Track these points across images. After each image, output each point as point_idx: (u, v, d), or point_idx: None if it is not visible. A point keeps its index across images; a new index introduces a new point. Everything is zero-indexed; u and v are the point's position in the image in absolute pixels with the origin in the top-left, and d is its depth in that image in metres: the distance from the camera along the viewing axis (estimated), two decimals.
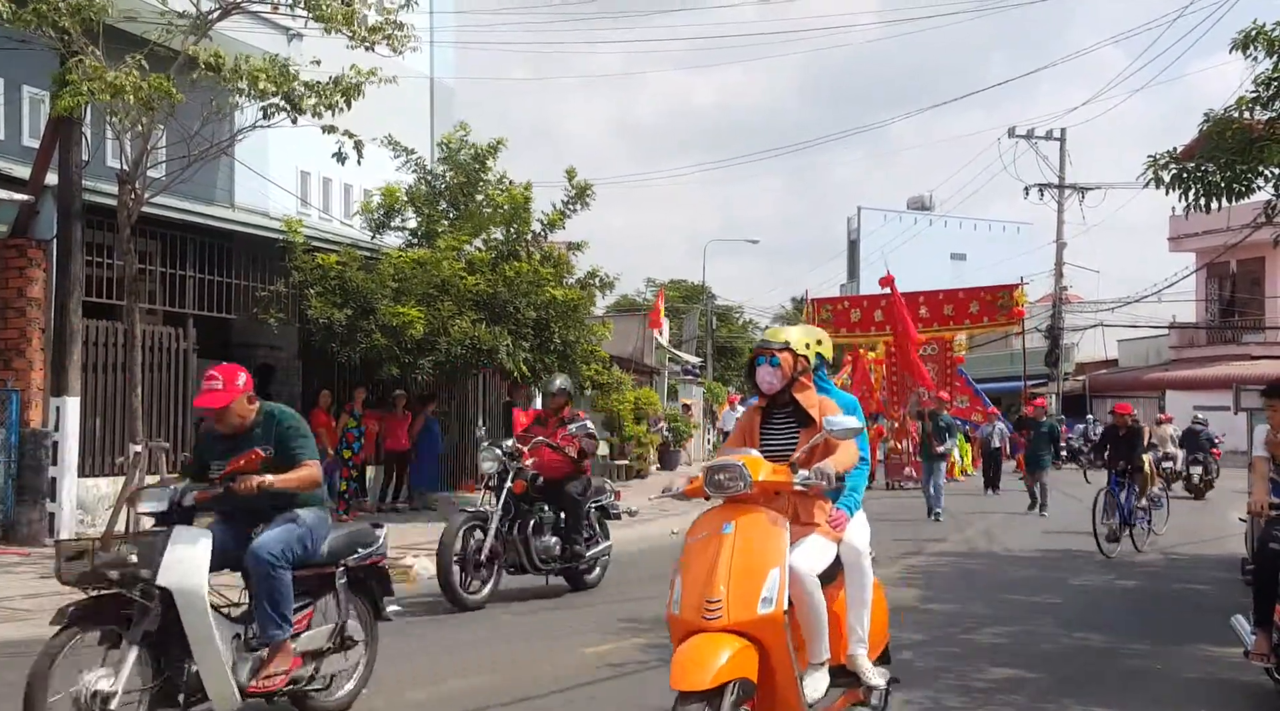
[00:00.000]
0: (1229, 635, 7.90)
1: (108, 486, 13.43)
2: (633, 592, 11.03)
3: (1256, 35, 11.55)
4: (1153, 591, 12.09)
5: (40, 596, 9.76)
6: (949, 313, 28.54)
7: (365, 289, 15.86)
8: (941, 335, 29.19)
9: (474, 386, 20.80)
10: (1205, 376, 37.69)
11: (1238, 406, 26.54)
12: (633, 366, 29.05)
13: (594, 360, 18.44)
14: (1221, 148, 11.78)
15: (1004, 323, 29.65)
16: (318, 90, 12.57)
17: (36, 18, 11.52)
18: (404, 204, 18.68)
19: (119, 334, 13.63)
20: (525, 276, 16.69)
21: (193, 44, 12.22)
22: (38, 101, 15.54)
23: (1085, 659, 8.43)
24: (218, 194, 18.71)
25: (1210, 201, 12.03)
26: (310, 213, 21.29)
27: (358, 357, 16.01)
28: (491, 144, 18.83)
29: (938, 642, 8.89)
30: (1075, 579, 12.64)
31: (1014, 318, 28.74)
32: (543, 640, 8.66)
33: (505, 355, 16.20)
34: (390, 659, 7.95)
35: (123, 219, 12.36)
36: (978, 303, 28.32)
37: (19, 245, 13.17)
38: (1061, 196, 42.04)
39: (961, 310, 28.45)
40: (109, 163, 14.30)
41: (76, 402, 12.97)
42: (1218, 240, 34.67)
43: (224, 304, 15.72)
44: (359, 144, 12.99)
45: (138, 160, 12.27)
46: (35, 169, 13.11)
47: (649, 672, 7.57)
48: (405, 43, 12.98)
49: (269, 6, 13.50)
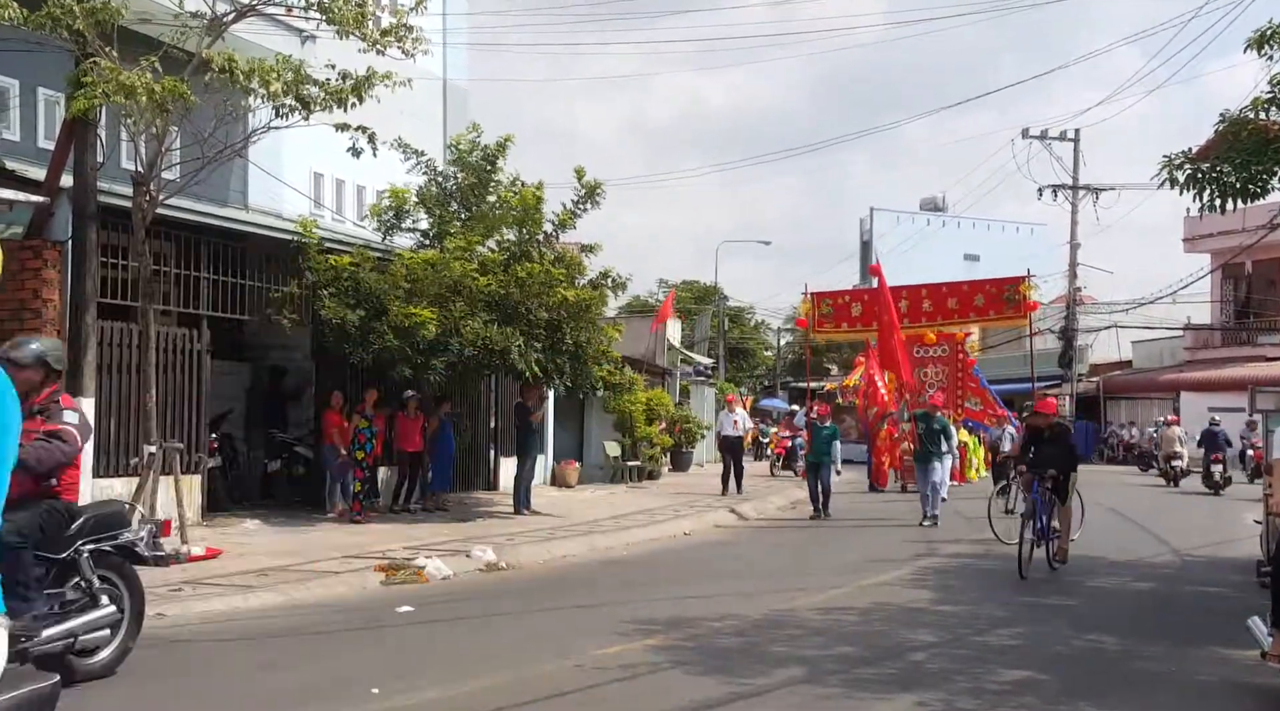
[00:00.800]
0: (1244, 637, 7.86)
1: (122, 487, 13.48)
2: (646, 594, 11.03)
3: (1271, 35, 11.49)
4: (1166, 593, 12.04)
5: None
6: (953, 306, 27.24)
7: (378, 290, 15.88)
8: (951, 333, 28.20)
9: (486, 387, 20.83)
10: (1220, 378, 37.51)
11: (1253, 408, 26.46)
12: (645, 367, 29.04)
13: (606, 361, 18.43)
14: (1237, 148, 11.74)
15: (1011, 317, 27.86)
16: (328, 89, 12.61)
17: (50, 20, 11.58)
18: (414, 205, 18.72)
19: (133, 335, 13.67)
20: (537, 277, 16.70)
21: (207, 46, 12.26)
22: (53, 103, 15.61)
23: (1099, 661, 8.39)
24: (231, 195, 18.77)
25: (1225, 202, 11.98)
26: (323, 214, 21.35)
27: (370, 358, 16.04)
28: (499, 142, 18.83)
29: (950, 644, 8.87)
30: (1088, 581, 12.60)
31: (1022, 312, 26.93)
32: (555, 641, 8.66)
33: (517, 356, 16.21)
34: (404, 659, 7.97)
35: (137, 220, 12.42)
36: (983, 296, 27.01)
37: (35, 247, 13.23)
38: (1075, 197, 41.96)
39: (966, 304, 27.14)
40: (124, 164, 14.36)
41: (91, 403, 13.01)
42: (1233, 241, 34.55)
43: (238, 305, 15.77)
44: (373, 136, 13.03)
45: (152, 162, 12.32)
46: (50, 171, 13.17)
47: (661, 675, 7.57)
48: (417, 45, 13.01)
49: (283, 9, 13.55)
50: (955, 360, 28.33)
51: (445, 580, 11.85)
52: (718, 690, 7.15)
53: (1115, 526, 18.66)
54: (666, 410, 28.70)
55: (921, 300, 27.48)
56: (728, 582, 11.98)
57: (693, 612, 9.83)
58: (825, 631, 9.16)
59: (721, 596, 10.89)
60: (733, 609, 10.07)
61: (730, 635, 8.99)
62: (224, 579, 10.92)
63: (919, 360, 27.64)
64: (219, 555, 12.25)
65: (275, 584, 10.84)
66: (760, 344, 67.75)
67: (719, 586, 11.64)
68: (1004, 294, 26.75)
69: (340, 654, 8.24)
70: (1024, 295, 26.38)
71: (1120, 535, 17.28)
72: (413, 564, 12.03)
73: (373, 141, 13.02)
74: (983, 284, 28.15)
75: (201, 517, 14.73)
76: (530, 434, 18.62)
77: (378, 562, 12.06)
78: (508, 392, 20.96)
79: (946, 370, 27.95)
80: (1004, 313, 27.27)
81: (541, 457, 21.53)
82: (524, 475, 18.17)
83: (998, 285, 27.43)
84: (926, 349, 28.18)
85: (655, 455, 27.73)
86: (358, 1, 12.67)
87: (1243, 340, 40.99)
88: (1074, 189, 41.86)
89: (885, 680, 7.56)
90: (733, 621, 9.53)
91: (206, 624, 9.23)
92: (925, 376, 27.69)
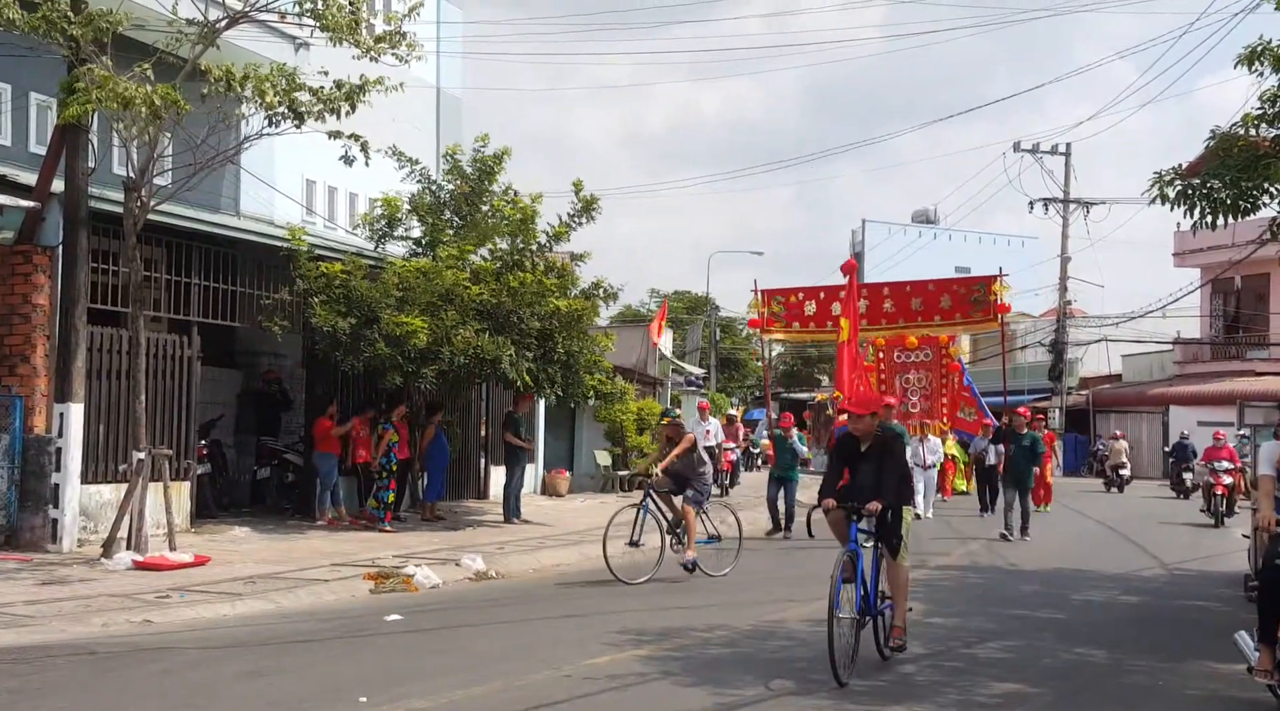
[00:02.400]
0: (1232, 651, 7.88)
1: (111, 493, 13.43)
2: (635, 603, 11.02)
3: (1262, 51, 11.53)
4: (1155, 607, 12.06)
5: (40, 602, 9.76)
6: (917, 307, 24.28)
7: (369, 298, 15.87)
8: (935, 336, 25.58)
9: (477, 396, 20.80)
10: (1209, 392, 37.62)
11: (1241, 422, 26.57)
12: (636, 377, 29.02)
13: (598, 370, 18.43)
14: (1227, 164, 11.77)
15: (980, 320, 24.42)
16: (322, 97, 12.62)
17: (46, 24, 11.57)
18: (407, 214, 18.72)
19: (123, 341, 13.64)
20: (529, 287, 16.70)
21: (200, 52, 12.26)
22: (45, 108, 15.60)
23: (1087, 675, 8.40)
24: (223, 202, 18.77)
25: (1216, 218, 12.02)
26: (315, 221, 21.35)
27: (361, 366, 16.02)
28: (496, 154, 18.87)
29: (940, 657, 8.87)
30: (1077, 594, 12.61)
31: (992, 315, 23.91)
32: (544, 651, 8.64)
33: (509, 365, 16.20)
34: (392, 668, 7.94)
35: (128, 226, 12.40)
36: (950, 297, 24.01)
37: (25, 251, 13.20)
38: (1066, 211, 42.06)
39: (932, 305, 24.15)
40: (115, 170, 14.35)
41: (80, 409, 12.97)
42: (1222, 256, 34.67)
43: (229, 311, 15.73)
44: (365, 145, 13.04)
45: (144, 168, 12.31)
46: (42, 176, 13.14)
47: (650, 685, 7.56)
48: (411, 52, 13.03)
49: (276, 15, 13.55)
50: (939, 365, 25.91)
51: (434, 589, 11.83)
52: (707, 701, 7.14)
53: (1103, 538, 18.72)
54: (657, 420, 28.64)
55: (883, 300, 24.58)
56: (717, 593, 11.97)
57: (682, 623, 9.82)
58: (815, 642, 9.13)
59: (711, 607, 10.87)
60: (722, 619, 10.07)
61: (720, 646, 8.99)
62: (212, 586, 10.88)
63: (899, 366, 25.94)
64: (207, 562, 12.21)
65: (264, 591, 10.81)
66: (751, 354, 67.88)
67: (708, 596, 11.62)
68: (972, 295, 24.01)
69: (328, 662, 8.21)
70: (996, 296, 23.57)
71: (1107, 547, 17.34)
72: (402, 572, 12.00)
73: (365, 150, 13.03)
74: (950, 283, 25.34)
75: (190, 524, 14.67)
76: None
77: (367, 571, 12.03)
78: (499, 401, 20.94)
79: (929, 376, 25.70)
80: (971, 317, 24.10)
81: (532, 467, 21.49)
82: (514, 484, 18.15)
83: (966, 285, 24.76)
84: (908, 353, 26.11)
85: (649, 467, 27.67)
86: (351, 8, 12.68)
87: (1232, 355, 41.12)
88: (1065, 203, 41.98)
89: (875, 692, 7.56)
90: (722, 632, 9.52)
91: (194, 631, 9.19)
92: (906, 384, 25.82)
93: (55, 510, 12.82)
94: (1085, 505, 25.45)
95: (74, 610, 9.54)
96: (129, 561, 11.82)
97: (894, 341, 25.85)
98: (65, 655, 8.11)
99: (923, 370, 25.79)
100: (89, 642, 8.56)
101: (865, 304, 23.91)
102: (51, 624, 9.03)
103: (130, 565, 11.76)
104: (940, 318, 24.26)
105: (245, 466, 18.44)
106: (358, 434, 16.83)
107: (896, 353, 26.05)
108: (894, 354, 25.98)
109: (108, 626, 9.14)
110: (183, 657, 8.16)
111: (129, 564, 11.78)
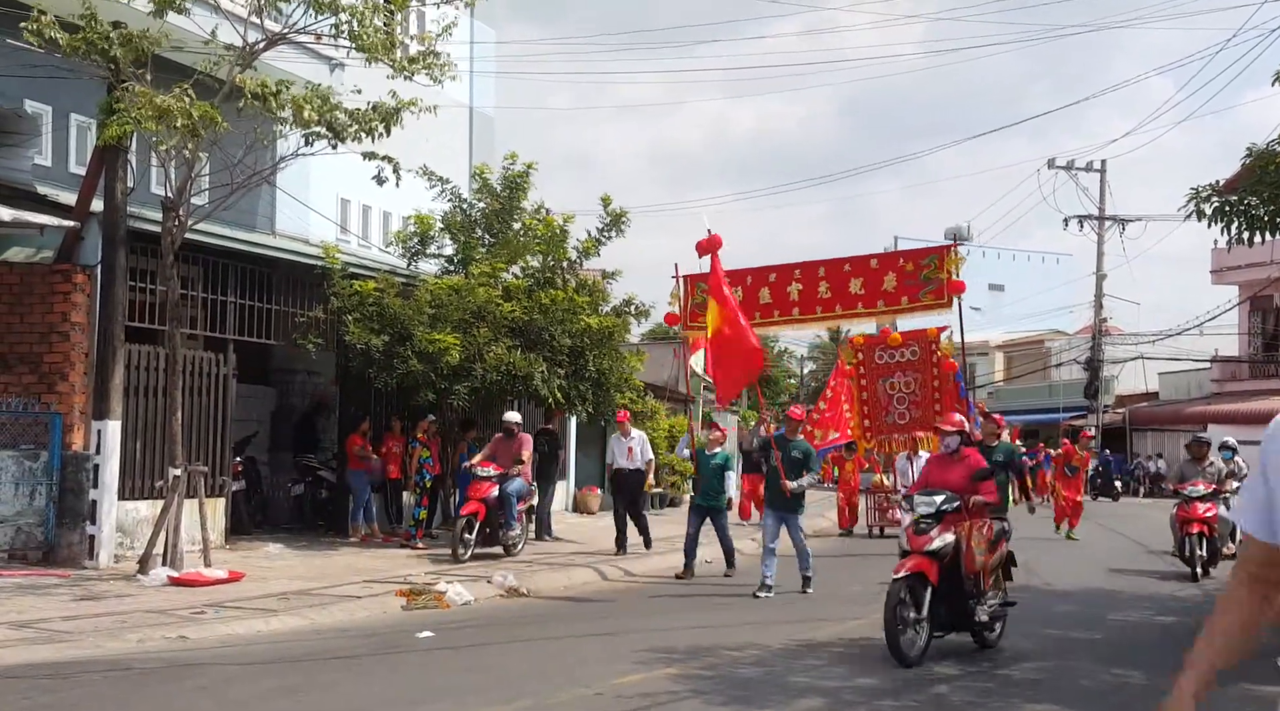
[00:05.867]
0: (1271, 673, 7.73)
1: (147, 509, 13.56)
2: (666, 622, 10.99)
3: None
4: (1193, 628, 11.87)
5: (77, 618, 9.86)
6: (857, 291, 17.44)
7: (402, 315, 15.98)
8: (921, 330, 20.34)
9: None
10: (1247, 411, 37.16)
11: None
12: (667, 394, 29.02)
13: (628, 388, 18.45)
14: (1264, 181, 11.69)
15: (930, 304, 17.24)
16: (357, 118, 12.74)
17: (87, 45, 11.76)
18: (439, 232, 18.85)
19: (160, 358, 13.78)
20: (561, 304, 16.76)
21: (238, 73, 12.41)
22: (85, 129, 15.81)
23: (1124, 696, 8.31)
24: (259, 221, 18.95)
25: (1253, 235, 11.93)
26: (349, 239, 21.49)
27: (394, 383, 16.12)
28: (521, 170, 18.97)
29: (973, 677, 8.80)
30: (1113, 614, 12.48)
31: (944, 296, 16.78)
32: (575, 669, 8.64)
33: (540, 382, 16.25)
34: (424, 685, 7.96)
35: (166, 245, 12.54)
36: (895, 275, 17.19)
37: (64, 270, 13.37)
38: (1101, 228, 41.79)
39: (874, 287, 17.36)
40: (154, 190, 14.51)
41: (117, 426, 13.11)
42: (1261, 273, 34.32)
43: (264, 329, 15.88)
44: (397, 167, 13.16)
45: (182, 187, 12.45)
46: (81, 196, 13.32)
47: (681, 704, 7.53)
48: (444, 72, 13.14)
49: (313, 37, 13.69)
50: (929, 364, 20.54)
51: (466, 605, 11.85)
52: None
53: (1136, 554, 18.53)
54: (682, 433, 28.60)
55: (817, 282, 17.77)
56: (748, 611, 11.93)
57: (712, 641, 9.79)
58: (846, 661, 9.10)
59: (742, 625, 10.84)
60: (753, 638, 10.03)
61: (751, 664, 8.95)
62: (246, 602, 10.95)
63: (883, 368, 20.75)
64: (241, 578, 12.30)
65: (297, 607, 10.87)
66: (783, 372, 67.76)
67: (739, 615, 11.59)
68: (921, 271, 17.34)
69: (361, 679, 8.24)
70: (950, 272, 16.85)
71: (1146, 563, 17.16)
72: (433, 589, 12.03)
73: (397, 171, 13.13)
74: (894, 258, 18.72)
75: (225, 541, 14.79)
76: (552, 460, 18.63)
77: (399, 587, 12.07)
78: (531, 418, 20.97)
79: (920, 378, 20.35)
80: (920, 300, 17.19)
81: (563, 484, 21.49)
82: (544, 501, 18.18)
83: (914, 259, 17.73)
84: (892, 352, 20.57)
85: (677, 482, 27.67)
86: (386, 29, 12.81)
87: (1270, 373, 40.66)
88: (1100, 219, 41.73)
89: None
90: (753, 650, 9.48)
91: (228, 647, 9.25)
92: (891, 389, 20.65)
93: (92, 526, 12.95)
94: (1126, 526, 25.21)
95: (110, 626, 9.63)
96: (164, 577, 11.92)
97: (874, 341, 21.79)
98: (101, 671, 8.18)
99: (910, 372, 20.58)
100: (125, 658, 8.64)
101: (798, 287, 17.85)
102: (88, 639, 9.11)
103: (166, 581, 11.86)
104: (884, 303, 17.52)
105: (280, 483, 18.57)
106: (389, 450, 16.91)
107: (878, 352, 20.99)
108: (874, 354, 20.97)
109: (143, 642, 9.21)
110: (218, 674, 8.21)
111: (164, 580, 11.88)
